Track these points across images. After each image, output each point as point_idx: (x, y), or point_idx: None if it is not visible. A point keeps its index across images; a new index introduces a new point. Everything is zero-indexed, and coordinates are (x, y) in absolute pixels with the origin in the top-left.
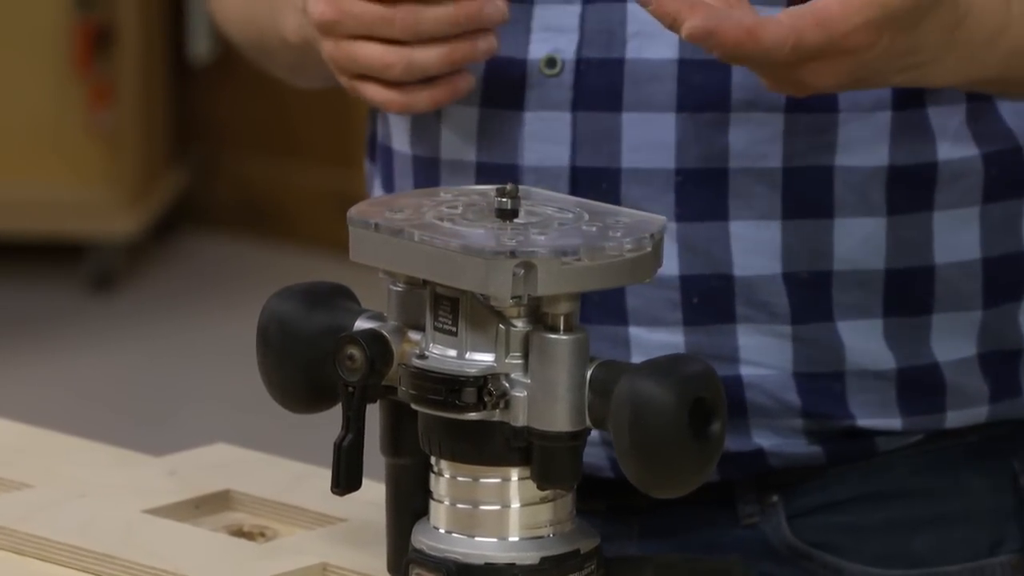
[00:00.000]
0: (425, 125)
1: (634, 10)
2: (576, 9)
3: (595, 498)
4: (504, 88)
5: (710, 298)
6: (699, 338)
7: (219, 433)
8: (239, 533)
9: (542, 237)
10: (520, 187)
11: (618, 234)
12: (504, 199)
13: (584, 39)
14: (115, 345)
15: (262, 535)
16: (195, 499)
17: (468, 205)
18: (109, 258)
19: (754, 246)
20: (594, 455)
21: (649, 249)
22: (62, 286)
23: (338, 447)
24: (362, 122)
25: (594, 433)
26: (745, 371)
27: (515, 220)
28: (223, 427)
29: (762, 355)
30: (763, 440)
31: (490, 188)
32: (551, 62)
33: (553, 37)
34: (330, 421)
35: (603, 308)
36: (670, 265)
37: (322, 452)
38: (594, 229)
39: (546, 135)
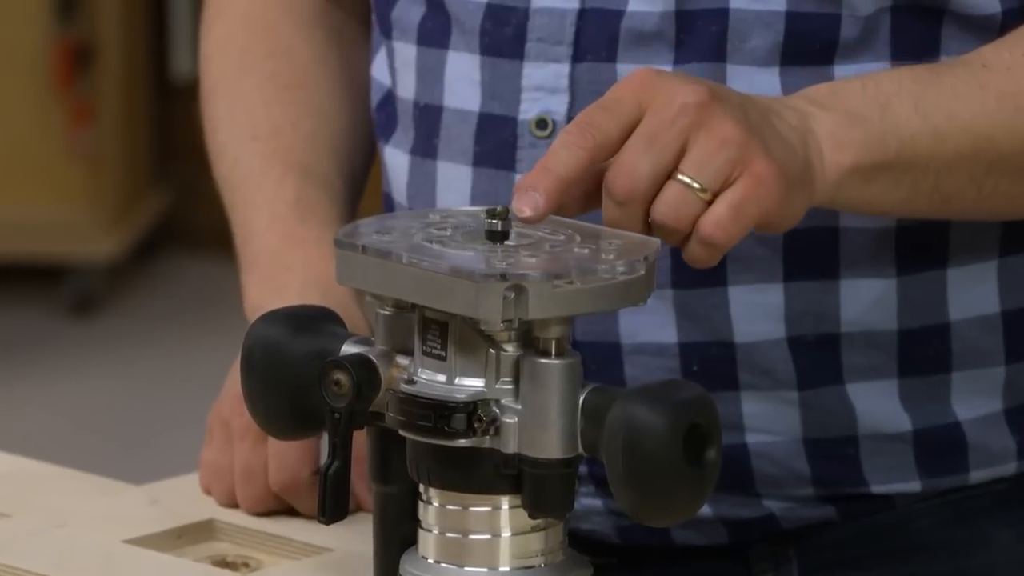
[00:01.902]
0: (421, 180)
1: (624, 71)
2: (565, 69)
3: (606, 554)
4: (495, 148)
5: (711, 366)
6: None
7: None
8: (223, 564)
9: (533, 259)
10: (511, 208)
11: (611, 256)
12: (494, 221)
13: (576, 100)
14: (96, 370)
15: (246, 566)
16: (177, 529)
17: (457, 227)
18: (90, 281)
19: (755, 311)
20: (600, 523)
21: (642, 272)
22: (41, 309)
23: (324, 474)
24: (371, 155)
25: (599, 502)
26: (751, 439)
27: (505, 242)
28: None
29: (768, 422)
30: (773, 505)
31: (480, 209)
32: (542, 123)
33: (544, 97)
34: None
35: (600, 377)
36: (668, 333)
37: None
38: (586, 251)
39: None
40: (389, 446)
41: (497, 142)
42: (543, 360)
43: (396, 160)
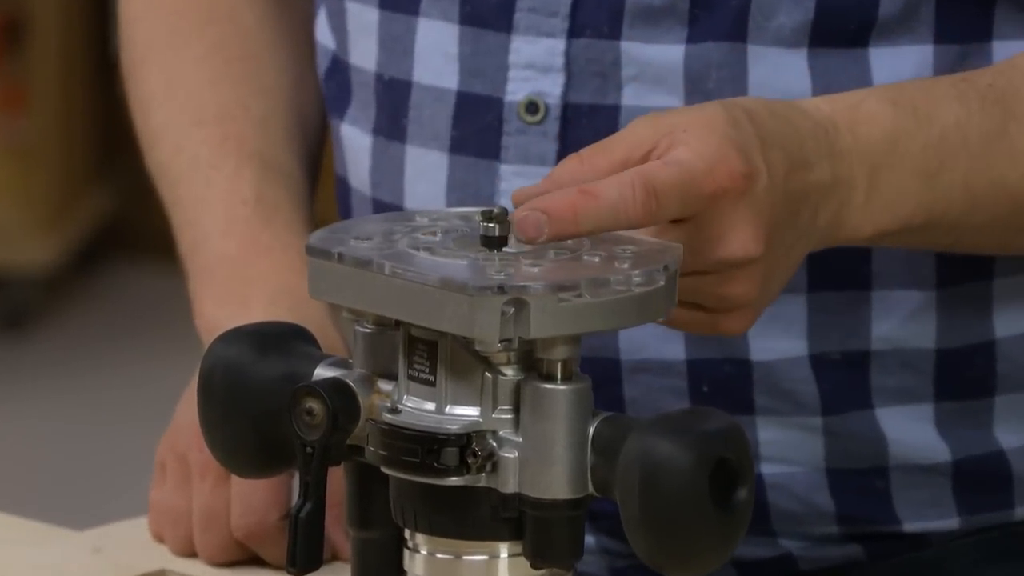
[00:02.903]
0: (387, 166)
1: (631, 50)
2: (560, 45)
3: None
4: (476, 133)
5: (723, 386)
6: None
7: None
8: None
9: (536, 269)
10: (510, 210)
11: (625, 265)
12: (491, 224)
13: (572, 81)
14: (28, 396)
15: None
16: None
17: (448, 231)
18: (21, 292)
19: (774, 325)
20: (592, 564)
21: (662, 283)
22: None
23: (294, 518)
24: (324, 133)
25: (590, 539)
26: (768, 469)
27: (504, 249)
28: None
29: (787, 451)
30: (791, 544)
31: (474, 211)
32: (532, 107)
33: (535, 77)
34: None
35: (595, 400)
36: (674, 348)
37: None
38: (597, 259)
39: None
40: (369, 485)
41: (479, 127)
42: (547, 385)
43: (355, 141)
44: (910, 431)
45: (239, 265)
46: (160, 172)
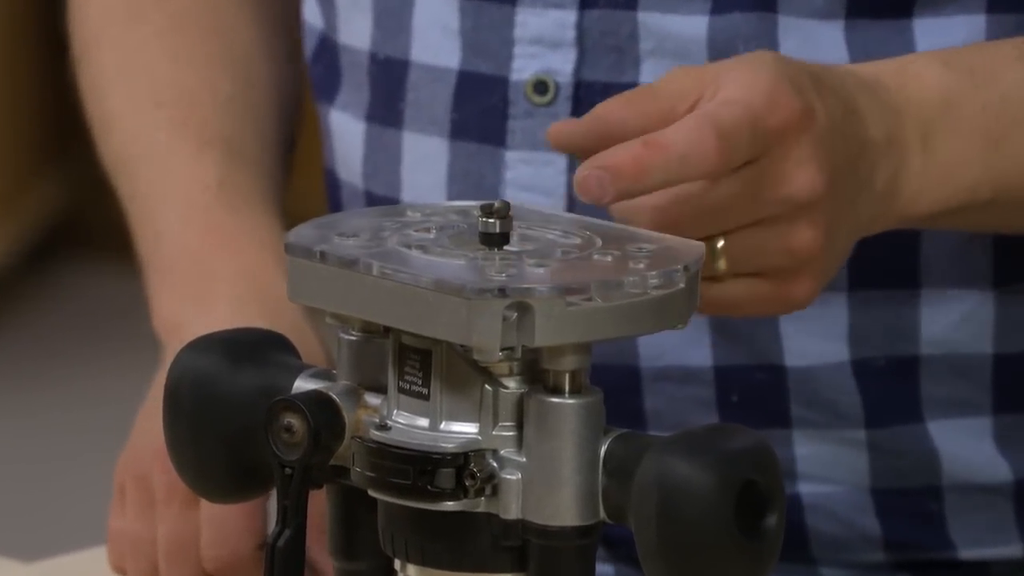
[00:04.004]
0: (381, 154)
1: (649, 21)
2: (571, 17)
3: None
4: (479, 116)
5: (755, 396)
6: None
7: (103, 532)
8: None
9: (541, 270)
10: (513, 204)
11: (640, 266)
12: (491, 219)
13: (584, 57)
14: None
15: None
16: None
17: (444, 227)
18: None
19: (812, 327)
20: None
21: (682, 285)
22: None
23: (271, 547)
24: (298, 120)
25: (609, 568)
26: (805, 489)
27: (505, 247)
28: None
29: (828, 468)
30: (833, 573)
31: (473, 205)
32: (541, 86)
33: (543, 53)
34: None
35: (613, 412)
36: (700, 354)
37: None
38: (609, 259)
39: (535, 182)
40: (355, 510)
41: (482, 109)
42: (554, 399)
43: (346, 128)
44: (965, 447)
45: (201, 257)
46: (115, 162)
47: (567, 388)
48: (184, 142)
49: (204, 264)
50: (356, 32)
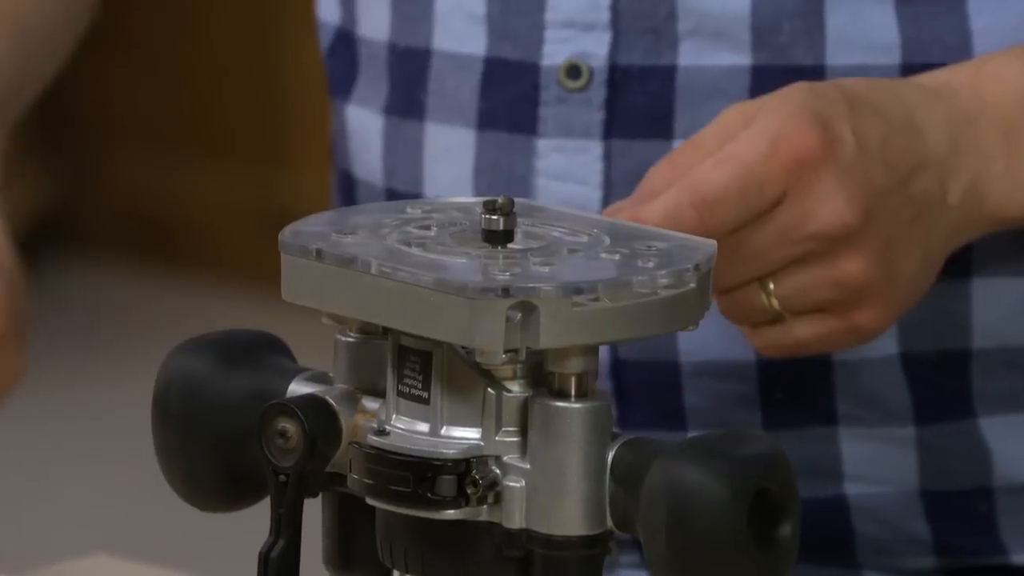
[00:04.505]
0: (403, 149)
1: (687, 5)
2: None
3: None
4: (508, 104)
5: (800, 392)
6: (786, 447)
7: (98, 538)
8: None
9: (546, 268)
10: (517, 200)
11: (650, 264)
12: (495, 216)
13: (619, 39)
14: None
15: None
16: None
17: (445, 224)
18: None
19: None
20: None
21: (693, 285)
22: None
23: (265, 557)
24: (294, 109)
25: None
26: (852, 490)
27: (509, 245)
28: (104, 530)
29: (875, 468)
30: None
31: (475, 201)
32: (574, 70)
33: (576, 36)
34: (255, 519)
35: (649, 407)
36: (742, 348)
37: (242, 563)
38: (617, 257)
39: (569, 171)
40: (352, 519)
41: (511, 97)
42: (559, 403)
43: (363, 123)
44: (1018, 444)
45: None
46: None
47: (573, 392)
48: None
49: None
50: (374, 23)
